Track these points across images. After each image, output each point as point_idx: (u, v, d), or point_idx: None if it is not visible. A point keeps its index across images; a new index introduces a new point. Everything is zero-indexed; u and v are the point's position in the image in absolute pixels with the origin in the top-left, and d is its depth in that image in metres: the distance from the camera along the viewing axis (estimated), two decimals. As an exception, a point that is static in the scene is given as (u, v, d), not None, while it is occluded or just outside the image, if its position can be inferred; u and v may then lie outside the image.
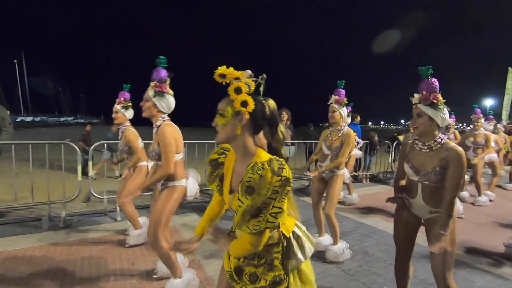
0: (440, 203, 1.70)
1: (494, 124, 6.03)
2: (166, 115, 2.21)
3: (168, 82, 2.19)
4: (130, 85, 3.19)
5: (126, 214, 3.01)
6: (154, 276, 2.33)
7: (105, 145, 4.46)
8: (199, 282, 2.25)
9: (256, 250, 1.09)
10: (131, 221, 3.03)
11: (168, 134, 2.05)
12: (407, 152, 1.87)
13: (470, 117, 5.32)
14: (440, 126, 1.74)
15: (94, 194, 3.96)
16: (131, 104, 3.18)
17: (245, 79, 1.08)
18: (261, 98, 1.12)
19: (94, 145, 4.13)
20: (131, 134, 3.04)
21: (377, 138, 7.07)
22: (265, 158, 1.05)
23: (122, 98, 3.11)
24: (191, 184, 2.27)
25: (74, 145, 3.76)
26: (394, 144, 7.27)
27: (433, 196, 1.74)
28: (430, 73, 1.77)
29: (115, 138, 5.05)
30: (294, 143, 6.05)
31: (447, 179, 1.66)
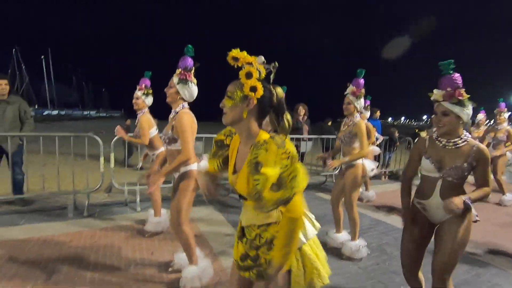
0: None
1: None
2: (186, 103, 2.25)
3: (193, 71, 2.22)
4: (151, 73, 3.25)
5: (153, 199, 3.16)
6: (170, 270, 2.39)
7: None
8: (214, 272, 2.29)
9: (297, 217, 1.08)
10: (155, 207, 3.16)
11: (186, 121, 2.11)
12: (427, 148, 1.78)
13: (494, 112, 5.06)
14: (465, 122, 1.67)
15: (116, 185, 4.10)
16: (152, 92, 3.25)
17: (257, 65, 1.09)
18: (271, 86, 1.13)
19: (115, 139, 4.26)
20: (144, 121, 3.12)
21: (398, 134, 6.86)
22: (267, 137, 1.08)
23: (143, 85, 3.19)
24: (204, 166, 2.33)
25: (97, 138, 3.90)
26: (416, 141, 7.04)
27: (451, 193, 1.65)
28: (452, 68, 1.67)
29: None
30: (311, 139, 5.98)
31: (479, 178, 1.66)
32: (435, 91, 1.71)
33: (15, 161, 3.70)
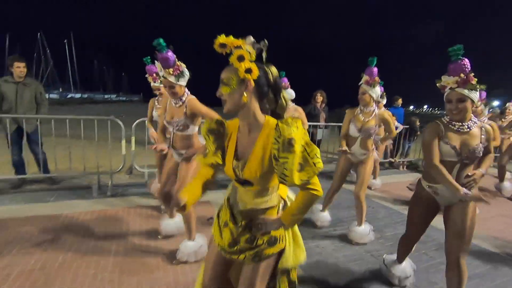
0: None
1: None
2: (187, 90, 2.32)
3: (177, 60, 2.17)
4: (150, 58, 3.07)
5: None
6: (176, 261, 2.34)
7: None
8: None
9: (320, 194, 1.10)
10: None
11: (200, 104, 2.25)
12: (444, 133, 1.77)
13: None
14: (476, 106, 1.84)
15: (136, 167, 4.27)
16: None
17: (247, 47, 1.05)
18: (264, 65, 1.11)
19: (136, 122, 4.40)
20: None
21: (419, 123, 6.63)
22: (275, 121, 1.10)
23: (154, 74, 3.22)
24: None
25: (119, 121, 4.04)
26: (428, 126, 6.77)
27: (465, 175, 1.77)
28: (462, 54, 1.66)
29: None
30: (328, 126, 5.91)
31: (485, 150, 1.75)
32: (445, 78, 1.70)
33: (33, 140, 3.91)
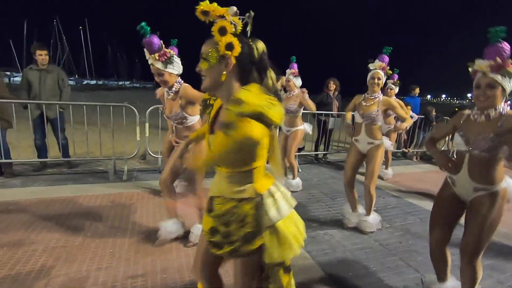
0: (487, 180, 1.59)
1: None
2: (179, 78, 2.25)
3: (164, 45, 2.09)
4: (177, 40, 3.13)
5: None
6: (189, 244, 2.40)
7: None
8: None
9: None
10: None
11: (194, 91, 2.17)
12: (462, 123, 1.71)
13: None
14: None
15: (150, 153, 4.38)
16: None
17: (231, 18, 0.96)
18: (249, 40, 1.01)
19: (150, 109, 4.47)
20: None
21: (435, 113, 6.45)
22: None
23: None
24: None
25: (133, 108, 4.12)
26: (454, 113, 6.57)
27: (480, 170, 1.59)
28: (503, 36, 1.48)
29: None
30: (340, 115, 5.83)
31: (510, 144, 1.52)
32: (478, 61, 1.56)
33: (56, 127, 4.07)
